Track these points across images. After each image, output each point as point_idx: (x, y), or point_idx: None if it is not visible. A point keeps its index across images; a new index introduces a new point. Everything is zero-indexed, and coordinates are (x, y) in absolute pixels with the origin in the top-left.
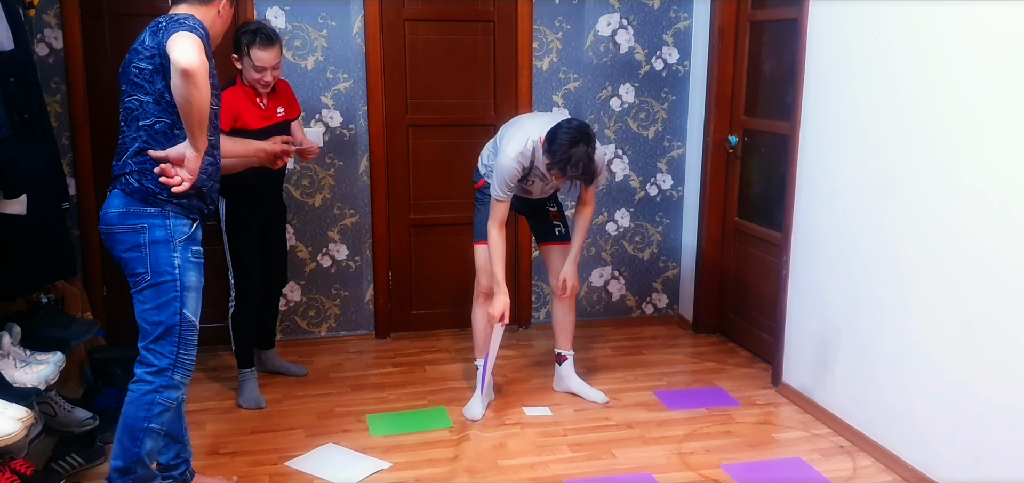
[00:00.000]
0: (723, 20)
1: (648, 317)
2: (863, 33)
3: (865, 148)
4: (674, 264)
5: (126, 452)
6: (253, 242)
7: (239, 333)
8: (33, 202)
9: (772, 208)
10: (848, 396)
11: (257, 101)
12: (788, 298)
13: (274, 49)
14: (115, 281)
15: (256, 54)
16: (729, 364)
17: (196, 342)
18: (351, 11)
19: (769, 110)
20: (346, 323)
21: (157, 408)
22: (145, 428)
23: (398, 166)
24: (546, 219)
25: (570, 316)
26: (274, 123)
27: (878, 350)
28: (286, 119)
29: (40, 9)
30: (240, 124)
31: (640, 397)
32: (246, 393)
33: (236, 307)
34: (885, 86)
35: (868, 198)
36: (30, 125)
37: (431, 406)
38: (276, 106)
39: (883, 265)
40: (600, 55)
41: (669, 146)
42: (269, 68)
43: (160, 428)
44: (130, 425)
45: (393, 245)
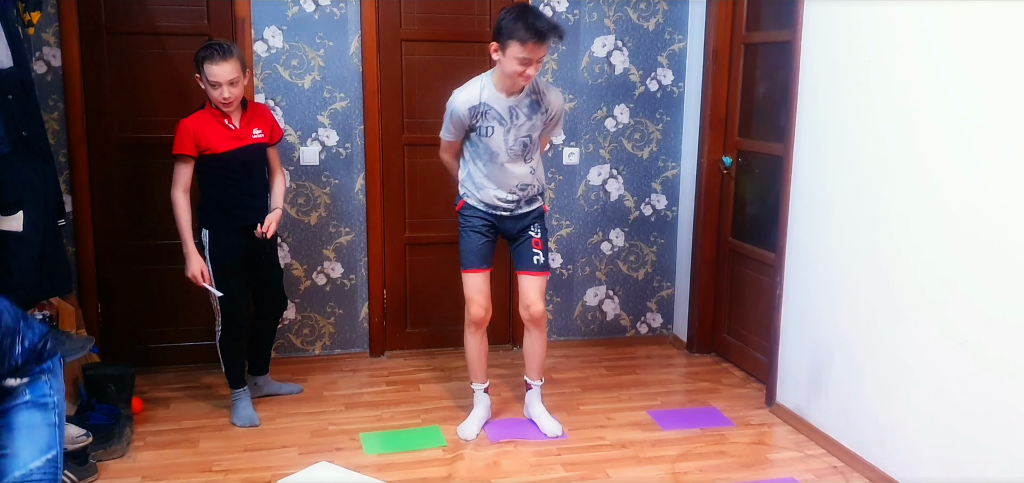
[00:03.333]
0: (717, 42)
1: (642, 337)
2: (856, 56)
3: (858, 170)
4: (668, 284)
5: None
6: (239, 269)
7: (228, 358)
8: (30, 218)
9: (766, 229)
10: (842, 416)
11: (225, 122)
12: (782, 318)
13: (228, 63)
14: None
15: (209, 69)
16: (723, 384)
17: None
18: (348, 31)
19: (763, 131)
20: (340, 341)
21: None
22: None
23: (393, 185)
24: (527, 245)
25: (537, 347)
26: (247, 144)
27: (871, 370)
28: (264, 142)
29: (39, 27)
30: (208, 149)
31: (634, 417)
32: (239, 411)
33: (223, 334)
34: (877, 108)
35: (861, 219)
36: (28, 142)
37: (425, 425)
38: (251, 127)
39: (876, 286)
40: (595, 76)
41: (664, 166)
42: (225, 83)
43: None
44: None
45: (388, 263)
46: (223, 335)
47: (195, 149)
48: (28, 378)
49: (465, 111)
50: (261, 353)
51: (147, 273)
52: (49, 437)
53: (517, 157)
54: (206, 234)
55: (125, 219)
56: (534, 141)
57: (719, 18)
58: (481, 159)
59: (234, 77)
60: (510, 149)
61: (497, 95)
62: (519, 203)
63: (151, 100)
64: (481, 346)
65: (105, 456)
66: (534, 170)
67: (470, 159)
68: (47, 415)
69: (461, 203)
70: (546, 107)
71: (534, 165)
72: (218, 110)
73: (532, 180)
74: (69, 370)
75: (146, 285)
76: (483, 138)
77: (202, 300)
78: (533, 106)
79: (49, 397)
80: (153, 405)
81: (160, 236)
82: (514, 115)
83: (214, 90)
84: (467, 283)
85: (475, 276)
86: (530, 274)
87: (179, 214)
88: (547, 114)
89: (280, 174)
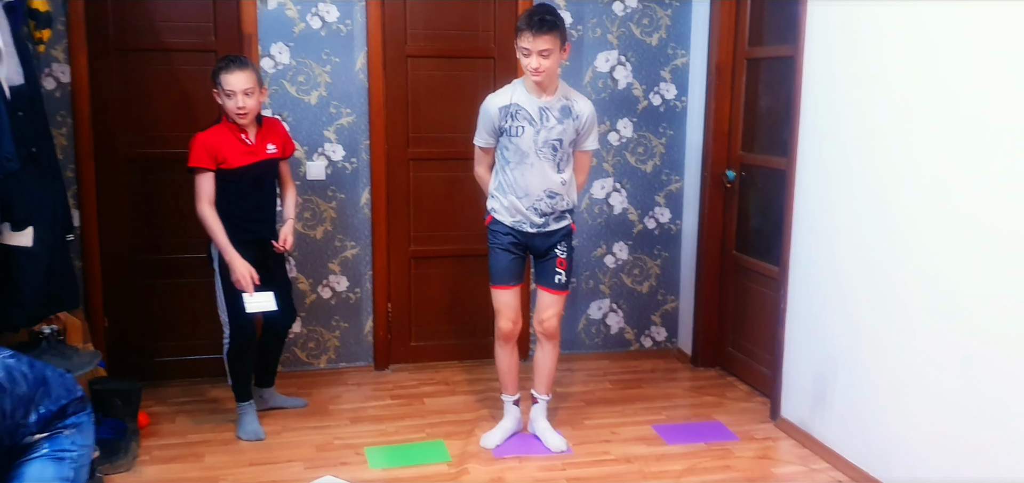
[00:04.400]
0: (720, 57)
1: (646, 350)
2: (859, 70)
3: (862, 183)
4: (673, 297)
5: None
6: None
7: (235, 370)
8: (39, 234)
9: (770, 242)
10: (846, 431)
11: (242, 137)
12: (786, 332)
13: (243, 73)
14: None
15: (225, 79)
16: (728, 398)
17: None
18: (354, 48)
19: (766, 145)
20: (345, 355)
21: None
22: None
23: (398, 199)
24: (552, 263)
25: (548, 360)
26: (262, 159)
27: (876, 384)
28: (277, 157)
29: (48, 44)
30: (224, 163)
31: (639, 431)
32: (245, 425)
33: (230, 346)
34: (882, 121)
35: (866, 232)
36: (37, 158)
37: (429, 439)
38: (266, 142)
39: (881, 299)
40: (599, 90)
41: (667, 180)
42: (240, 92)
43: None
44: None
45: (393, 277)
46: (231, 348)
47: (213, 162)
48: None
49: (495, 111)
50: (268, 366)
51: (153, 288)
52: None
53: (547, 159)
54: (213, 247)
55: (132, 234)
56: (565, 148)
57: (722, 34)
58: (511, 163)
59: (249, 87)
60: (539, 150)
61: (528, 96)
62: (547, 220)
63: (158, 116)
64: (511, 359)
65: (111, 471)
66: (565, 182)
67: (501, 168)
68: (61, 468)
69: (489, 218)
70: (577, 114)
71: (566, 177)
72: (234, 124)
73: (562, 191)
74: None
75: (152, 300)
76: (513, 138)
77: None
78: (565, 111)
79: (68, 452)
80: (159, 419)
81: (166, 251)
82: (545, 116)
83: (229, 100)
84: (496, 298)
85: (505, 292)
86: (549, 291)
87: (211, 226)
88: (578, 120)
89: (292, 187)
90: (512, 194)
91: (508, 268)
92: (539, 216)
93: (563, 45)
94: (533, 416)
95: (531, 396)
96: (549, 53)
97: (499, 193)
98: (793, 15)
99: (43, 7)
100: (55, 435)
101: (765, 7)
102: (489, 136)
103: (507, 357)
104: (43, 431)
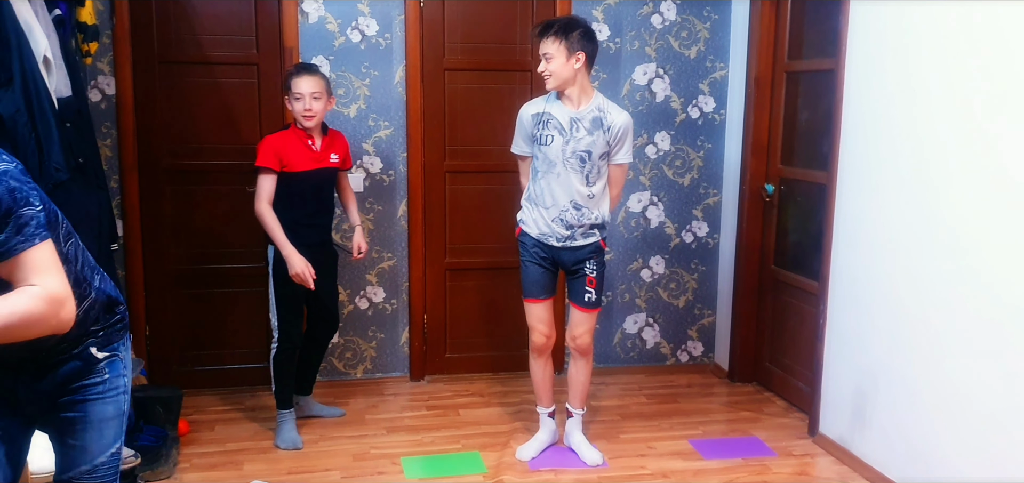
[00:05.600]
0: (759, 70)
1: (683, 365)
2: (901, 84)
3: (903, 198)
4: (710, 312)
5: None
6: (300, 292)
7: (280, 374)
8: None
9: (809, 257)
10: (886, 447)
11: (309, 143)
12: (825, 347)
13: (311, 78)
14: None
15: (295, 82)
16: (765, 413)
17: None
18: (393, 61)
19: (806, 159)
20: (381, 365)
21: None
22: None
23: (435, 211)
24: (582, 281)
25: (581, 375)
26: (325, 167)
27: (917, 401)
28: (339, 167)
29: (95, 57)
30: (288, 167)
31: (675, 446)
32: (284, 433)
33: (278, 349)
34: (923, 136)
35: (906, 247)
36: (84, 169)
37: (465, 451)
38: (330, 151)
39: (922, 315)
40: (636, 103)
41: (705, 193)
42: (308, 94)
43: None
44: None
45: (428, 288)
46: (278, 352)
47: (279, 163)
48: (108, 353)
49: (528, 118)
50: (308, 373)
51: (194, 297)
52: (116, 429)
53: (574, 170)
54: (272, 250)
55: (173, 244)
56: (595, 160)
57: (761, 47)
58: (540, 172)
59: (316, 92)
60: (567, 160)
61: (561, 107)
62: (573, 233)
63: (200, 128)
64: (545, 371)
65: (152, 478)
66: (594, 195)
67: (533, 179)
68: (118, 405)
69: (519, 230)
70: (609, 125)
71: (595, 191)
72: (302, 130)
73: (589, 205)
74: None
75: (192, 309)
76: (543, 147)
77: (247, 324)
78: (596, 122)
79: (122, 377)
80: (198, 427)
81: (207, 261)
82: (575, 127)
83: (297, 103)
84: (528, 312)
85: (536, 306)
86: (580, 309)
87: (269, 223)
88: (609, 131)
89: (354, 197)
90: (540, 205)
91: (538, 281)
92: (565, 227)
93: (573, 53)
94: (568, 429)
95: (566, 410)
96: (551, 57)
97: (528, 204)
98: (834, 28)
99: (91, 20)
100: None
101: (805, 20)
102: (524, 143)
103: (541, 369)
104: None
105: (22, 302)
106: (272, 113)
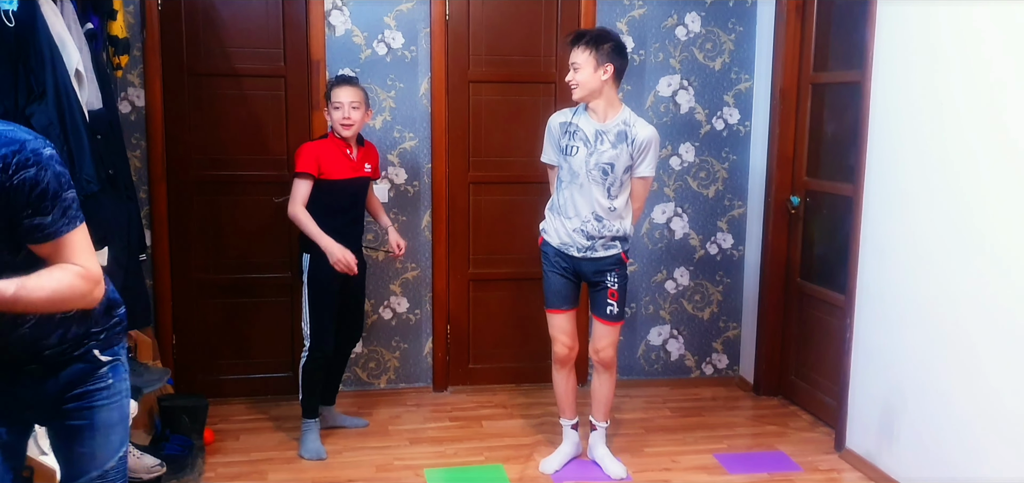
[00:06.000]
0: (785, 82)
1: (708, 378)
2: (928, 94)
3: (933, 209)
4: (735, 324)
5: None
6: (333, 297)
7: (308, 383)
8: (114, 253)
9: (835, 270)
10: (915, 463)
11: (347, 152)
12: (852, 361)
13: (352, 88)
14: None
15: (335, 92)
16: (791, 428)
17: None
18: (418, 73)
19: (831, 171)
20: (404, 375)
21: None
22: None
23: (459, 222)
24: (603, 294)
25: (604, 388)
26: (361, 176)
27: (946, 416)
28: (370, 176)
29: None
30: (326, 174)
31: (700, 459)
32: (308, 443)
33: (309, 358)
34: (952, 147)
35: (936, 259)
36: (114, 180)
37: (488, 463)
38: (365, 161)
39: (954, 327)
40: (660, 115)
41: (730, 205)
42: (347, 104)
43: None
44: None
45: (452, 299)
46: (309, 360)
47: (317, 170)
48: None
49: (557, 126)
50: (331, 383)
51: (220, 307)
52: (122, 433)
53: (597, 182)
54: (307, 259)
55: (200, 255)
56: (618, 173)
57: (786, 59)
58: (564, 182)
59: (356, 101)
60: (590, 172)
61: (587, 118)
62: (593, 244)
63: (228, 140)
64: (567, 383)
65: None
66: (615, 209)
67: (557, 189)
68: (122, 409)
69: (541, 239)
70: (633, 138)
71: (617, 204)
72: (340, 140)
73: (610, 217)
74: (145, 401)
75: (219, 318)
76: (568, 157)
77: (272, 333)
78: (621, 135)
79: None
80: (223, 437)
81: (233, 271)
82: (600, 139)
83: (337, 112)
84: (551, 322)
85: (558, 316)
86: (602, 322)
87: (304, 221)
88: (633, 144)
89: (379, 203)
90: (562, 215)
91: (560, 291)
92: (586, 238)
93: (601, 64)
94: (592, 442)
95: (589, 423)
96: (579, 67)
97: (551, 214)
98: (860, 40)
99: (122, 33)
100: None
101: (830, 32)
102: (553, 152)
103: (564, 381)
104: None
105: (67, 278)
106: (299, 125)
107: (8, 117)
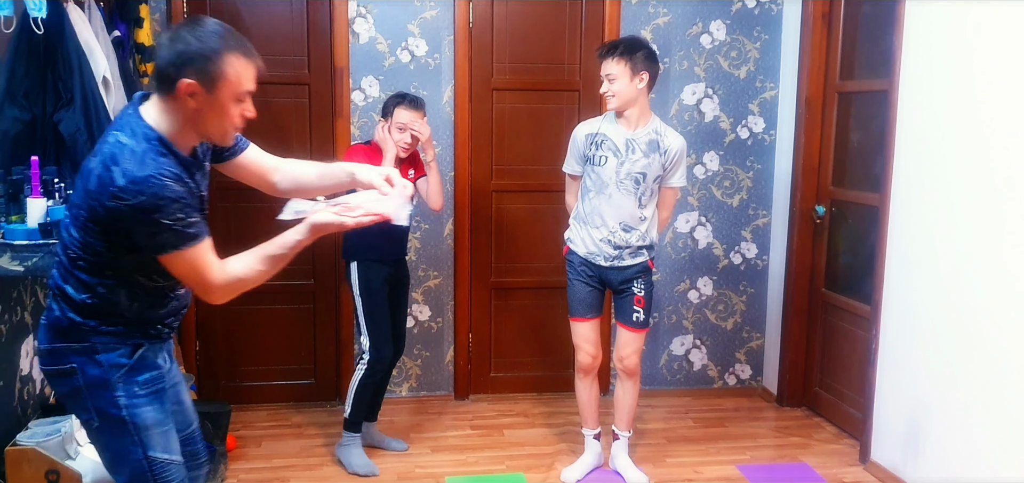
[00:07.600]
0: (810, 91)
1: (731, 388)
2: (956, 103)
3: (959, 221)
4: (758, 334)
5: None
6: (386, 302)
7: (360, 395)
8: None
9: (860, 280)
10: (941, 476)
11: None
12: (877, 372)
13: (417, 112)
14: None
15: (399, 113)
16: (815, 439)
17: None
18: (442, 81)
19: (857, 181)
20: (426, 383)
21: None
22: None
23: (481, 230)
24: (629, 301)
25: (628, 397)
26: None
27: (973, 428)
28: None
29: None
30: None
31: (723, 471)
32: (355, 458)
33: (368, 369)
34: (980, 157)
35: (962, 272)
36: None
37: (509, 472)
38: (410, 167)
39: (978, 341)
40: (685, 123)
41: (754, 214)
42: (409, 127)
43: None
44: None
45: (474, 307)
46: (368, 372)
47: None
48: None
49: (582, 138)
50: (377, 399)
51: (243, 313)
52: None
53: (628, 192)
54: (355, 267)
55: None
56: (649, 183)
57: (812, 67)
58: (590, 192)
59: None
60: (620, 182)
61: (617, 128)
62: (621, 253)
63: None
64: (590, 392)
65: None
66: (645, 218)
67: (582, 198)
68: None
69: (566, 248)
70: (665, 148)
71: (647, 214)
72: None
73: (639, 227)
74: None
75: (241, 324)
76: (596, 167)
77: (295, 339)
78: (652, 145)
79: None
80: (246, 443)
81: None
82: (630, 148)
83: (400, 132)
84: (575, 331)
85: (582, 325)
86: (628, 329)
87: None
88: (665, 155)
89: None
90: (589, 225)
91: (585, 300)
92: (613, 248)
93: (637, 73)
94: (614, 452)
95: (612, 432)
96: (614, 78)
97: (577, 223)
98: (887, 48)
99: (149, 42)
100: None
101: (857, 41)
102: (577, 163)
103: (586, 390)
104: None
105: None
106: (322, 132)
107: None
